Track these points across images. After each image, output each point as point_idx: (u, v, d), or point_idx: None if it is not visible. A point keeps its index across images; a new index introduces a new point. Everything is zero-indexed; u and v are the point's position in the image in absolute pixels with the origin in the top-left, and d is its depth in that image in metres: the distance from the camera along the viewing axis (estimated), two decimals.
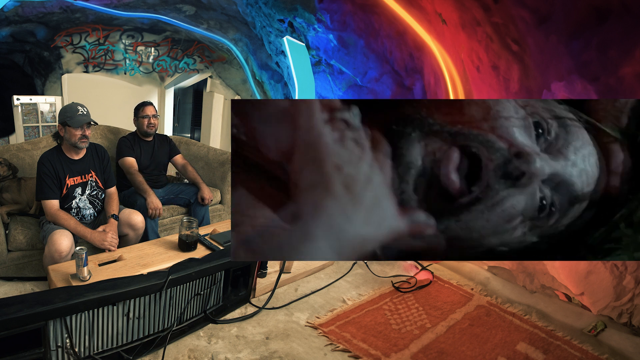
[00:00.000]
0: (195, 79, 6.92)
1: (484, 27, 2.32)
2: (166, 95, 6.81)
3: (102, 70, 6.01)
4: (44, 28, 5.06)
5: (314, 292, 2.57)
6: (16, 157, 2.75)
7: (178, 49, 6.25)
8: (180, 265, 1.93)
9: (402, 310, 2.43)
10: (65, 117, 2.27)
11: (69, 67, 5.71)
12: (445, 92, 2.96)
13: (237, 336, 2.08)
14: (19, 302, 1.49)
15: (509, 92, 2.40)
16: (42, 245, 2.32)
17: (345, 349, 2.04)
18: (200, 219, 3.00)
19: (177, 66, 6.42)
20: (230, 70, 6.49)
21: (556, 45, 1.95)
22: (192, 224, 2.32)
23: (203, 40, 5.89)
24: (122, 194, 2.79)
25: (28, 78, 5.97)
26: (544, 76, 2.14)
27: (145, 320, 1.85)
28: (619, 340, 2.21)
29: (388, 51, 3.34)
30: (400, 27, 3.07)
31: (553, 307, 2.50)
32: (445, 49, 2.86)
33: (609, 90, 1.83)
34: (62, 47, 5.51)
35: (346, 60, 3.77)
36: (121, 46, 5.90)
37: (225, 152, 3.54)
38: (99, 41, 5.67)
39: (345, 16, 3.38)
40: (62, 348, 1.61)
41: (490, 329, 2.31)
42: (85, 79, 5.87)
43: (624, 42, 1.68)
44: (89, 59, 5.77)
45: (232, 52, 5.79)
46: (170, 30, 5.69)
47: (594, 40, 1.78)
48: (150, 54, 6.21)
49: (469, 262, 2.97)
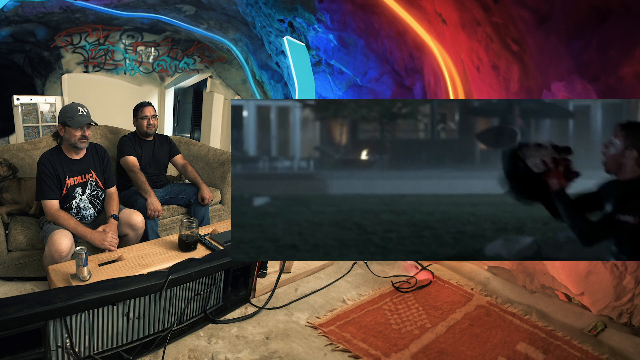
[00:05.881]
0: (195, 79, 6.91)
1: (484, 27, 2.32)
2: (166, 95, 6.81)
3: (102, 70, 6.00)
4: (44, 28, 5.05)
5: (314, 292, 2.57)
6: (16, 157, 2.75)
7: (178, 49, 6.25)
8: (180, 265, 1.93)
9: (402, 310, 2.43)
10: (65, 117, 2.27)
11: (69, 67, 5.71)
12: (445, 92, 2.96)
13: (237, 336, 2.08)
14: (19, 302, 1.49)
15: (509, 92, 2.40)
16: (42, 245, 2.32)
17: (345, 349, 2.04)
18: (200, 219, 3.00)
19: (177, 66, 6.42)
20: (230, 70, 6.49)
21: (556, 45, 1.95)
22: (192, 224, 2.32)
23: (203, 40, 5.88)
24: (122, 194, 2.79)
25: (28, 78, 5.97)
26: (544, 76, 2.14)
27: (145, 320, 1.85)
28: (619, 340, 2.21)
29: (388, 51, 3.34)
30: (400, 27, 3.07)
31: (553, 307, 2.50)
32: (445, 49, 2.86)
33: (609, 90, 1.83)
34: (62, 47, 5.51)
35: (346, 60, 3.77)
36: (121, 46, 5.90)
37: (225, 152, 3.54)
38: (99, 41, 5.66)
39: (345, 16, 3.38)
40: (62, 348, 1.61)
41: (490, 329, 2.31)
42: (85, 79, 5.86)
43: (624, 42, 1.68)
44: (89, 59, 5.77)
45: (232, 52, 5.79)
46: (170, 30, 5.69)
47: (594, 40, 1.78)
48: (150, 54, 6.20)
49: (469, 262, 2.97)
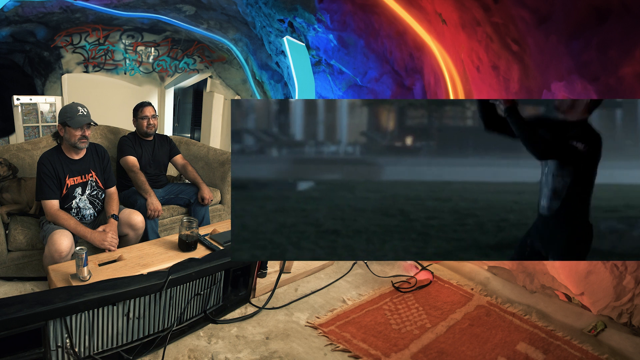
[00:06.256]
0: (195, 79, 6.91)
1: (484, 27, 2.32)
2: (166, 95, 6.81)
3: (102, 70, 6.00)
4: (44, 28, 5.05)
5: (314, 292, 2.57)
6: (16, 157, 2.75)
7: (178, 49, 6.25)
8: (180, 265, 1.93)
9: (402, 310, 2.43)
10: (65, 118, 2.27)
11: (69, 67, 5.71)
12: (445, 92, 2.96)
13: (237, 336, 2.08)
14: (19, 302, 1.49)
15: (509, 92, 2.40)
16: (42, 245, 2.32)
17: (345, 349, 2.04)
18: (200, 219, 3.00)
19: (177, 66, 6.42)
20: (230, 70, 6.49)
21: (556, 45, 1.95)
22: (192, 224, 2.32)
23: (203, 40, 5.88)
24: (122, 194, 2.79)
25: (28, 78, 5.97)
26: (544, 76, 2.14)
27: (145, 320, 1.85)
28: (619, 340, 2.21)
29: (388, 51, 3.34)
30: (400, 27, 3.07)
31: (553, 307, 2.50)
32: (445, 49, 2.86)
33: (609, 90, 1.83)
34: (62, 47, 5.51)
35: (346, 60, 3.77)
36: (121, 46, 5.90)
37: (225, 152, 3.54)
38: (99, 41, 5.66)
39: (345, 16, 3.38)
40: (62, 348, 1.61)
41: (490, 329, 2.31)
42: (85, 79, 5.87)
43: (624, 42, 1.68)
44: (89, 59, 5.77)
45: (232, 52, 5.79)
46: (170, 30, 5.69)
47: (594, 40, 1.78)
48: (150, 54, 6.20)
49: (469, 262, 2.97)
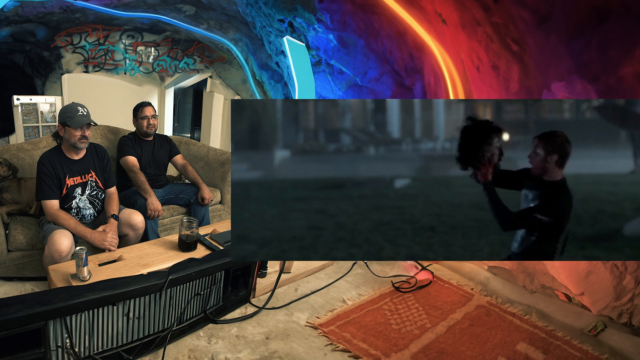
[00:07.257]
0: (195, 79, 6.92)
1: (484, 27, 2.32)
2: (166, 95, 6.81)
3: (102, 70, 6.00)
4: (44, 28, 5.06)
5: (314, 292, 2.57)
6: (16, 157, 2.75)
7: (178, 49, 6.25)
8: (180, 265, 1.93)
9: (402, 310, 2.43)
10: (65, 118, 2.27)
11: (69, 67, 5.71)
12: (445, 92, 2.96)
13: (237, 336, 2.08)
14: (19, 302, 1.49)
15: (509, 92, 2.40)
16: (42, 245, 2.32)
17: (345, 349, 2.04)
18: (200, 219, 3.00)
19: (177, 66, 6.42)
20: (230, 70, 6.49)
21: (556, 45, 1.95)
22: (192, 224, 2.32)
23: (203, 40, 5.89)
24: (122, 194, 2.79)
25: (28, 78, 5.97)
26: (544, 76, 2.14)
27: (145, 320, 1.85)
28: (619, 340, 2.21)
29: (388, 51, 3.34)
30: (400, 27, 3.07)
31: (553, 307, 2.50)
32: (445, 49, 2.86)
33: (609, 90, 1.83)
34: (62, 47, 5.51)
35: (346, 60, 3.77)
36: (121, 46, 5.90)
37: (225, 152, 3.54)
38: (99, 41, 5.66)
39: (345, 16, 3.38)
40: (62, 348, 1.61)
41: (490, 329, 2.31)
42: (85, 79, 5.87)
43: (624, 42, 1.68)
44: (89, 59, 5.77)
45: (232, 52, 5.79)
46: (170, 30, 5.69)
47: (594, 40, 1.78)
48: (150, 54, 6.20)
49: (469, 262, 2.97)
